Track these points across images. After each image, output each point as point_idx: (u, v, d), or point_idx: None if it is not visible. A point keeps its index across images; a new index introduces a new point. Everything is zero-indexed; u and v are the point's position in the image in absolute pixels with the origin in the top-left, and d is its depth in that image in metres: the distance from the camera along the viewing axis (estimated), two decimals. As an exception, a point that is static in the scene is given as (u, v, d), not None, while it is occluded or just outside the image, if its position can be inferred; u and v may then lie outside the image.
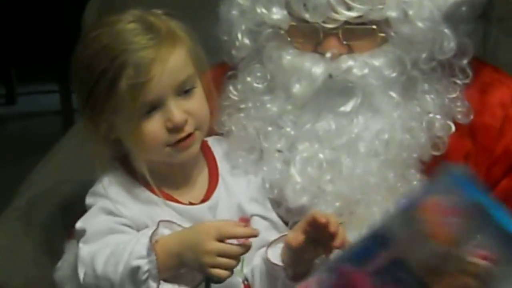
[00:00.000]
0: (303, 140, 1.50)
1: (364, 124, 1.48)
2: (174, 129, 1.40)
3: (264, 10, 1.51)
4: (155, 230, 1.36)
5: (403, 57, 1.49)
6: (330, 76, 1.48)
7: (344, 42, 1.47)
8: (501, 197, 1.51)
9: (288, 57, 1.51)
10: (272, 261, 1.43)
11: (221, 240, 1.33)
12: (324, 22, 1.46)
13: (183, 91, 1.41)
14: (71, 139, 2.21)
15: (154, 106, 1.40)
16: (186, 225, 1.42)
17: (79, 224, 1.45)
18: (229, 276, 1.34)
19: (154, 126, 1.40)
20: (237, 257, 1.34)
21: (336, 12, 1.45)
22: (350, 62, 1.47)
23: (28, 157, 2.62)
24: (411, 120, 1.49)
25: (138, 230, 1.42)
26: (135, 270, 1.34)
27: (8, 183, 2.41)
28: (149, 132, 1.40)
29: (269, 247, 1.46)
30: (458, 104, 1.52)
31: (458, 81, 1.53)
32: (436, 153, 1.50)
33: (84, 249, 1.41)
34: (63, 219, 1.74)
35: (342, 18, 1.45)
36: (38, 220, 1.87)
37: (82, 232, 1.43)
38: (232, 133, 1.54)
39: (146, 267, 1.33)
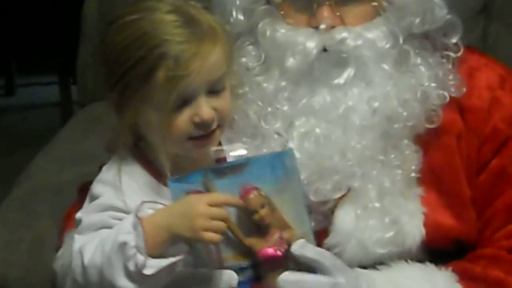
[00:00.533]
0: (299, 115, 1.51)
1: (358, 96, 1.49)
2: (201, 124, 1.41)
3: None
4: (138, 209, 1.36)
5: (396, 31, 1.50)
6: (324, 49, 1.49)
7: (338, 13, 1.48)
8: (492, 177, 1.53)
9: (282, 30, 1.52)
10: None
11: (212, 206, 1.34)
12: None
13: (214, 89, 1.42)
14: (70, 131, 2.22)
15: (186, 100, 1.40)
16: None
17: (78, 214, 1.44)
18: (220, 240, 1.34)
19: (183, 119, 1.40)
20: (226, 220, 1.35)
21: None
22: (344, 34, 1.48)
23: (27, 149, 2.63)
24: (406, 92, 1.50)
25: None
26: (123, 246, 1.33)
27: (7, 174, 2.42)
28: (176, 124, 1.40)
29: None
30: (451, 77, 1.53)
31: (451, 54, 1.54)
32: (430, 126, 1.51)
33: (78, 239, 1.41)
34: (62, 210, 1.74)
35: None
36: (36, 211, 1.87)
37: (79, 223, 1.43)
38: (235, 121, 1.55)
39: (133, 242, 1.32)
